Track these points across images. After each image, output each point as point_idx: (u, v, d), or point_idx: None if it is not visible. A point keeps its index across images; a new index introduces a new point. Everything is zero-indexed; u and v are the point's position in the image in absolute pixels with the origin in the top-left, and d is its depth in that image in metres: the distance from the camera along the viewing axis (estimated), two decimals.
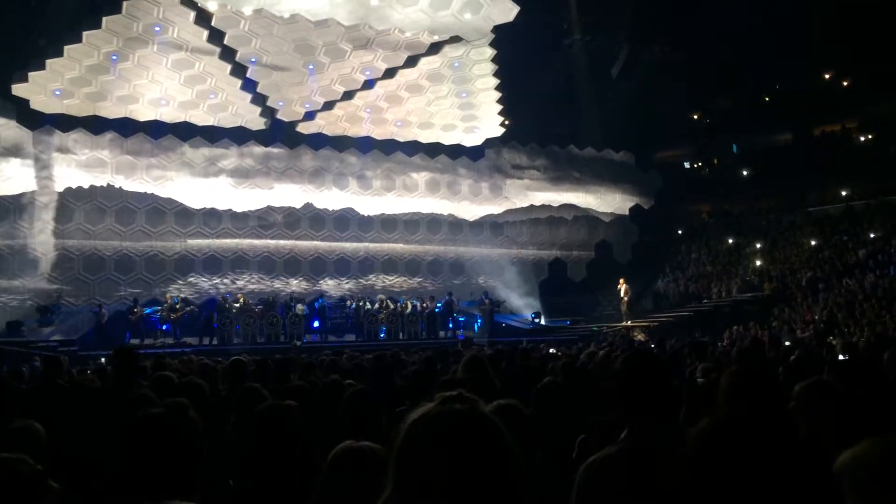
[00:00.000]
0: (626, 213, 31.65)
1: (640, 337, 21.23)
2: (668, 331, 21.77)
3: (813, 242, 26.92)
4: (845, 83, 32.30)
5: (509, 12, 23.93)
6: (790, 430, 2.44)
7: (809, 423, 2.93)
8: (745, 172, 33.79)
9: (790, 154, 31.95)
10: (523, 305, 28.12)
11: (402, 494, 1.44)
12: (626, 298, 25.25)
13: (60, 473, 3.18)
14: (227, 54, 23.41)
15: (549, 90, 27.05)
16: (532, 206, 30.01)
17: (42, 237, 22.77)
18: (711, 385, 3.47)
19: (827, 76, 32.96)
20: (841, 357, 7.85)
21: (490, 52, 25.80)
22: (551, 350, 14.84)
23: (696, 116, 36.29)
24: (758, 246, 28.79)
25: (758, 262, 27.43)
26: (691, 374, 6.83)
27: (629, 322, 24.49)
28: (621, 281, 25.68)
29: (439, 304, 24.70)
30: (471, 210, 29.19)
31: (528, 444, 2.52)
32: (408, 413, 1.55)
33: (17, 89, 22.08)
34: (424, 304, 24.08)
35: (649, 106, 29.32)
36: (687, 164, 36.76)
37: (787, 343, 13.94)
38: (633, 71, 28.17)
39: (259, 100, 25.14)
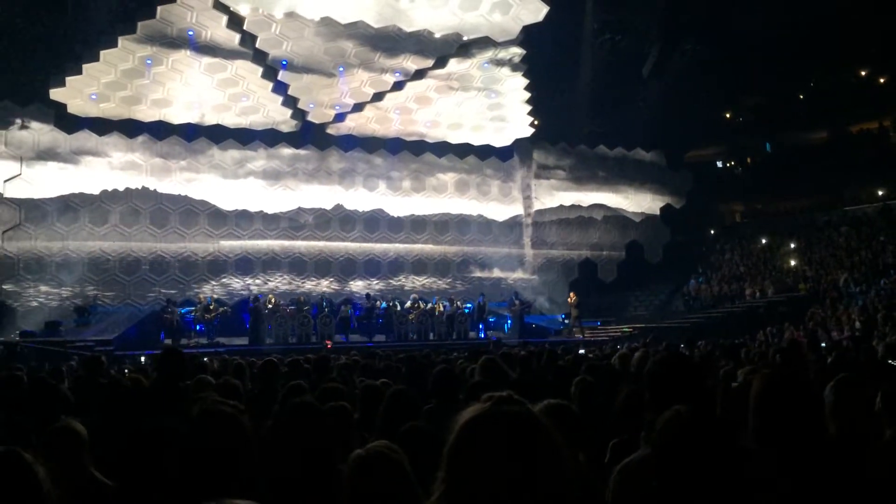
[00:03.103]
0: (657, 213, 31.38)
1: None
2: (699, 332, 21.52)
3: (849, 242, 26.44)
4: (882, 80, 31.69)
5: (539, 12, 23.86)
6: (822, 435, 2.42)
7: (840, 420, 2.90)
8: (778, 171, 33.30)
9: (826, 152, 31.44)
10: (553, 306, 28.03)
11: (455, 494, 1.46)
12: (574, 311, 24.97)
13: (105, 471, 3.26)
14: (259, 57, 23.66)
15: (579, 90, 26.90)
16: (562, 206, 29.92)
17: (79, 239, 23.21)
18: (746, 387, 3.44)
19: (863, 73, 32.38)
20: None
21: (519, 52, 25.74)
22: (581, 351, 14.77)
23: (728, 115, 35.85)
24: (792, 246, 28.36)
25: (792, 263, 27.02)
26: (724, 376, 6.76)
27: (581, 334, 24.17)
28: (571, 294, 25.42)
29: (469, 305, 24.70)
30: (500, 210, 29.17)
31: (575, 444, 2.53)
32: (437, 412, 1.56)
33: (55, 94, 22.56)
34: (455, 305, 24.09)
35: (680, 105, 29.02)
36: (719, 164, 36.35)
37: (823, 345, 13.71)
38: (664, 70, 27.91)
39: (290, 102, 25.35)
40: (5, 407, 4.90)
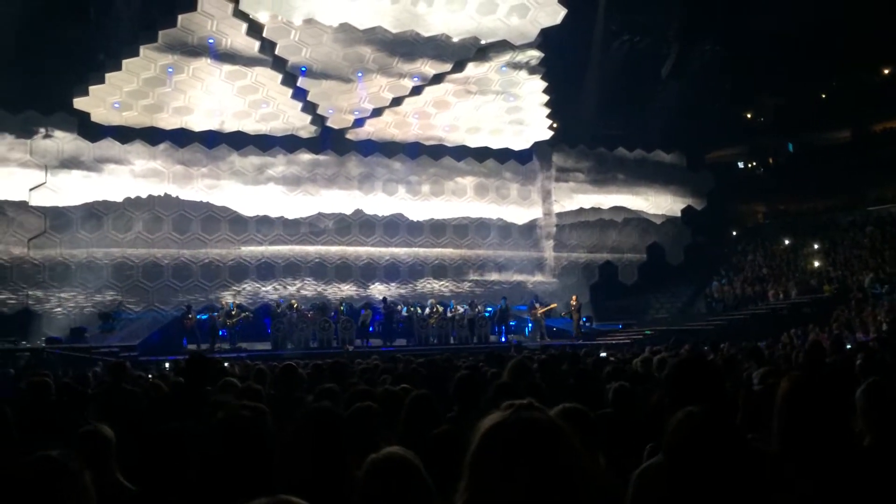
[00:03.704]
0: (678, 214, 31.17)
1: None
2: (722, 335, 21.33)
3: (874, 242, 26.10)
4: None
5: (556, 15, 23.83)
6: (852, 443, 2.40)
7: (873, 427, 2.86)
8: (801, 171, 32.94)
9: (848, 152, 31.08)
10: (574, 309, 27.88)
11: (478, 499, 1.47)
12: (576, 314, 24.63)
13: (127, 475, 3.31)
14: (279, 64, 23.84)
15: (598, 92, 26.81)
16: (581, 209, 29.83)
17: (103, 246, 23.50)
18: (769, 391, 3.41)
19: (886, 71, 31.97)
20: None
21: (537, 55, 25.72)
22: (602, 354, 14.69)
23: (748, 115, 35.54)
24: (815, 246, 28.03)
25: (816, 263, 26.71)
26: (747, 378, 6.71)
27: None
28: (574, 298, 25.10)
29: (490, 309, 24.67)
30: (519, 214, 29.14)
31: (593, 447, 2.53)
32: (460, 419, 1.58)
33: (79, 103, 22.89)
34: (476, 309, 24.09)
35: (700, 105, 28.83)
36: (740, 164, 36.04)
37: (848, 346, 13.54)
38: (684, 70, 27.72)
39: (309, 108, 25.52)
40: (34, 412, 4.98)
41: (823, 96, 33.37)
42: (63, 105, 22.89)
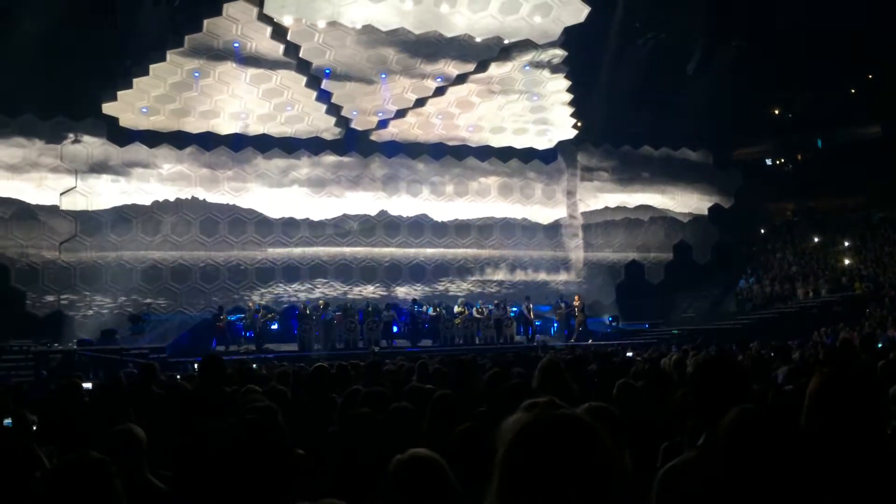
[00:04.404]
0: (705, 213, 30.90)
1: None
2: (751, 334, 21.10)
3: None
4: None
5: (580, 13, 23.72)
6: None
7: None
8: (830, 168, 32.43)
9: (879, 147, 30.52)
10: (600, 308, 27.80)
11: (511, 498, 1.46)
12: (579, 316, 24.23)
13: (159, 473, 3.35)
14: (303, 67, 24.00)
15: (622, 90, 26.60)
16: (607, 208, 29.68)
17: (132, 249, 23.83)
18: (800, 390, 3.37)
19: None
20: None
21: (561, 53, 25.62)
22: (629, 354, 14.62)
23: (776, 111, 35.07)
24: (846, 244, 27.60)
25: (846, 261, 26.30)
26: (776, 377, 6.63)
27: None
28: (577, 297, 24.75)
29: (515, 309, 24.62)
30: (544, 213, 29.06)
31: (620, 446, 2.51)
32: (490, 417, 1.58)
33: (108, 108, 23.23)
34: (502, 309, 24.04)
35: (727, 102, 28.51)
36: (768, 161, 35.58)
37: (879, 345, 13.31)
38: (710, 67, 27.42)
39: (333, 110, 25.66)
40: (67, 413, 5.07)
41: (853, 91, 32.82)
42: (92, 110, 23.24)
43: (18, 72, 20.28)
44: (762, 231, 32.52)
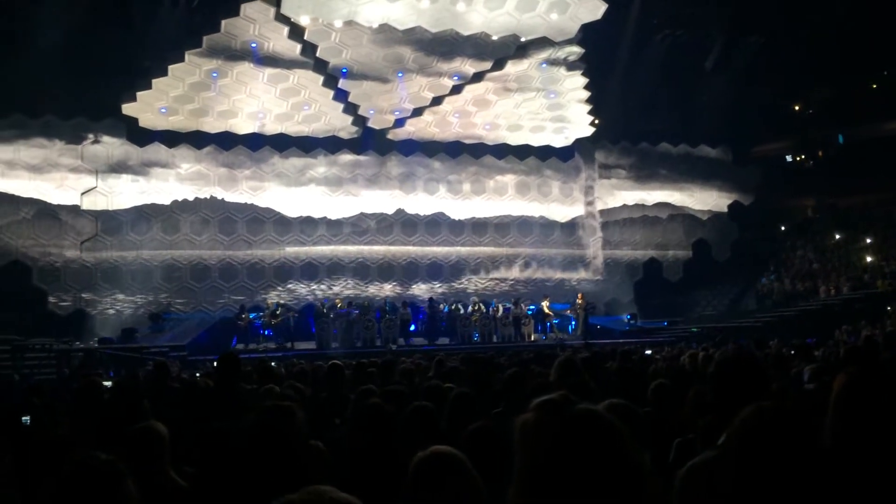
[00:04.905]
0: (725, 210, 30.68)
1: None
2: (772, 332, 20.92)
3: None
4: None
5: (597, 10, 23.62)
6: None
7: None
8: (852, 164, 32.03)
9: None
10: (618, 307, 27.67)
11: (531, 496, 1.45)
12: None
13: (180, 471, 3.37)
14: (320, 66, 24.08)
15: (640, 87, 26.45)
16: (625, 205, 29.55)
17: (152, 248, 24.04)
18: (823, 389, 3.33)
19: None
20: None
21: (578, 51, 25.51)
22: (647, 352, 14.53)
23: (797, 107, 34.68)
24: (868, 241, 27.27)
25: (868, 259, 25.98)
26: (797, 376, 6.56)
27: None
28: (580, 295, 24.49)
29: (532, 307, 24.55)
30: (561, 211, 28.97)
31: (641, 443, 2.50)
32: (507, 415, 1.57)
33: (127, 108, 23.45)
34: (519, 307, 23.98)
35: (746, 98, 28.24)
36: (788, 158, 35.19)
37: None
38: (728, 63, 27.19)
39: (350, 109, 25.73)
40: (89, 410, 5.12)
41: (874, 86, 32.38)
42: (112, 111, 23.47)
43: (39, 74, 20.54)
44: (782, 228, 32.20)
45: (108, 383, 8.78)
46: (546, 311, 24.00)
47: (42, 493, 2.33)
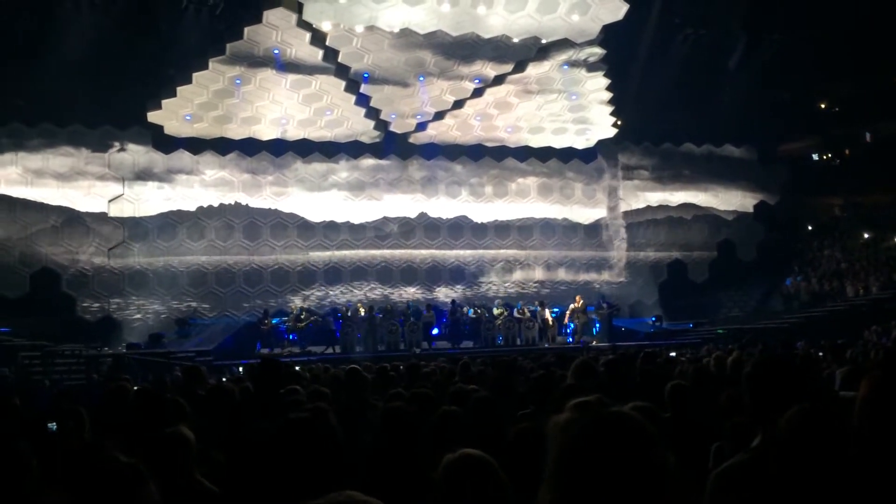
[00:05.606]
0: (750, 210, 30.37)
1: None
2: (799, 333, 20.65)
3: None
4: None
5: (618, 11, 23.49)
6: None
7: None
8: (879, 162, 31.52)
9: None
10: (642, 308, 27.47)
11: (563, 493, 1.46)
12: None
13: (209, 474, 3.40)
14: (342, 71, 24.19)
15: (662, 88, 26.26)
16: (649, 206, 29.35)
17: (178, 254, 24.30)
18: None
19: None
20: None
21: (599, 52, 25.39)
22: (672, 354, 14.40)
23: (822, 105, 34.24)
24: None
25: None
26: (829, 378, 6.47)
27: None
28: (577, 298, 24.21)
29: (556, 310, 24.44)
30: (584, 213, 28.85)
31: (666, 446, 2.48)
32: (534, 417, 1.58)
33: (153, 116, 23.76)
34: (542, 310, 23.89)
35: (771, 97, 27.93)
36: (815, 156, 34.75)
37: None
38: (752, 61, 26.91)
39: (372, 114, 25.82)
40: (117, 416, 5.17)
41: None
42: (137, 119, 23.79)
43: (66, 83, 20.88)
44: (809, 228, 31.80)
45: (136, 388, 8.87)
46: (548, 317, 23.78)
47: (65, 497, 2.36)
